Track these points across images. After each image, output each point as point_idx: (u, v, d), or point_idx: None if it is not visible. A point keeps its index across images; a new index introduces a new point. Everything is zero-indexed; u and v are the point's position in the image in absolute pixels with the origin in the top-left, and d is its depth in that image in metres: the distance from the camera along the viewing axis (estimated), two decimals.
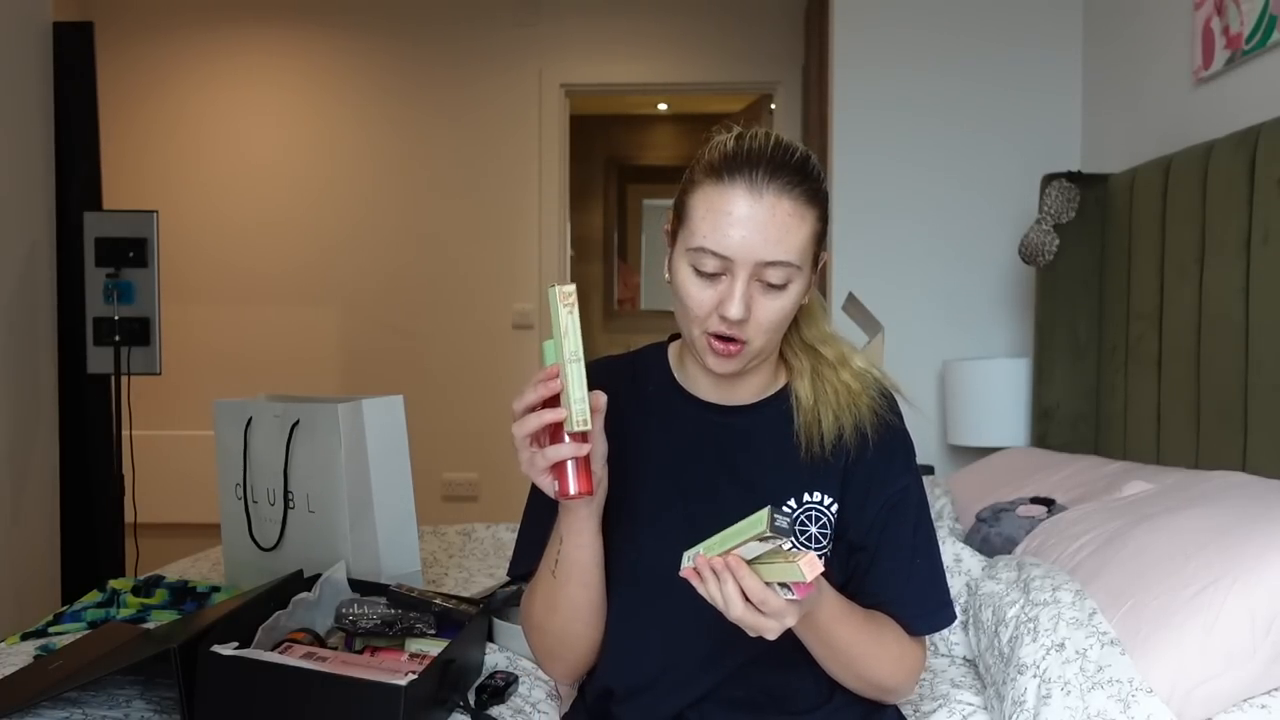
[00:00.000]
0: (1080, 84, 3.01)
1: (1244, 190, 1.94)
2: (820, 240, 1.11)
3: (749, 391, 1.20)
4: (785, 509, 1.14)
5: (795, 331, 1.21)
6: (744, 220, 1.04)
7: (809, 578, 0.90)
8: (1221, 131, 2.08)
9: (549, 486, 1.04)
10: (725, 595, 0.94)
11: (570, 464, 1.03)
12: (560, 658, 1.22)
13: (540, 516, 1.21)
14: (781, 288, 1.07)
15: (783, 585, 0.94)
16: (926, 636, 1.21)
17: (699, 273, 1.08)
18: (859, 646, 1.10)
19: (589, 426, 1.01)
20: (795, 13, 4.16)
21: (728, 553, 0.94)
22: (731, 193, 1.05)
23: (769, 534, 0.91)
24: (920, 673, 1.19)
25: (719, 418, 1.19)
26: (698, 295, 1.08)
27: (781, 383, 1.21)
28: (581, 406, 1.01)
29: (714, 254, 1.05)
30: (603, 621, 1.18)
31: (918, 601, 1.16)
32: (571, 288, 1.01)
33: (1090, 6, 2.98)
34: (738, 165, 1.05)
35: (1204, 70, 2.30)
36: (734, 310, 1.05)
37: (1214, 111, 2.27)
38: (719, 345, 1.09)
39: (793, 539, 0.94)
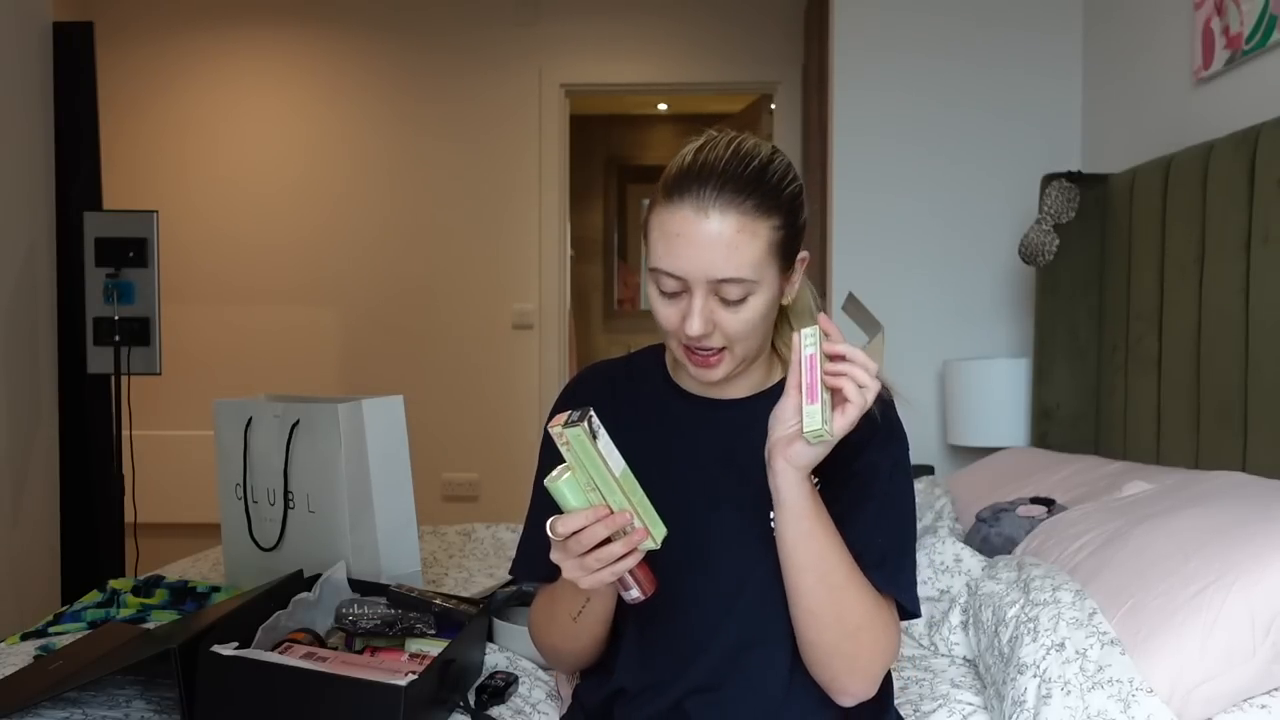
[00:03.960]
0: (1080, 84, 3.02)
1: (1244, 190, 1.94)
2: (784, 247, 1.09)
3: (744, 387, 1.20)
4: None
5: (788, 326, 1.20)
6: (692, 241, 1.05)
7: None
8: (1221, 131, 2.08)
9: (627, 596, 1.05)
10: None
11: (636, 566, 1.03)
12: (573, 666, 1.28)
13: (546, 517, 1.22)
14: (740, 301, 1.08)
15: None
16: (903, 633, 1.18)
17: (661, 292, 1.10)
18: (845, 573, 1.08)
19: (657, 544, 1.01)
20: (795, 13, 4.16)
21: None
22: (680, 213, 1.06)
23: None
24: (896, 638, 1.14)
25: (715, 413, 1.20)
26: (664, 312, 1.11)
27: (778, 376, 1.21)
28: (655, 516, 1.01)
29: (669, 274, 1.07)
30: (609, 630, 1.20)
31: (871, 565, 1.12)
32: (560, 430, 0.97)
33: (1090, 7, 2.98)
34: (687, 183, 1.06)
35: (1204, 70, 2.30)
36: (692, 328, 1.07)
37: (1214, 111, 2.27)
38: (696, 357, 1.12)
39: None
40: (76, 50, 3.17)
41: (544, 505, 1.23)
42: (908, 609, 1.16)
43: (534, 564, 1.23)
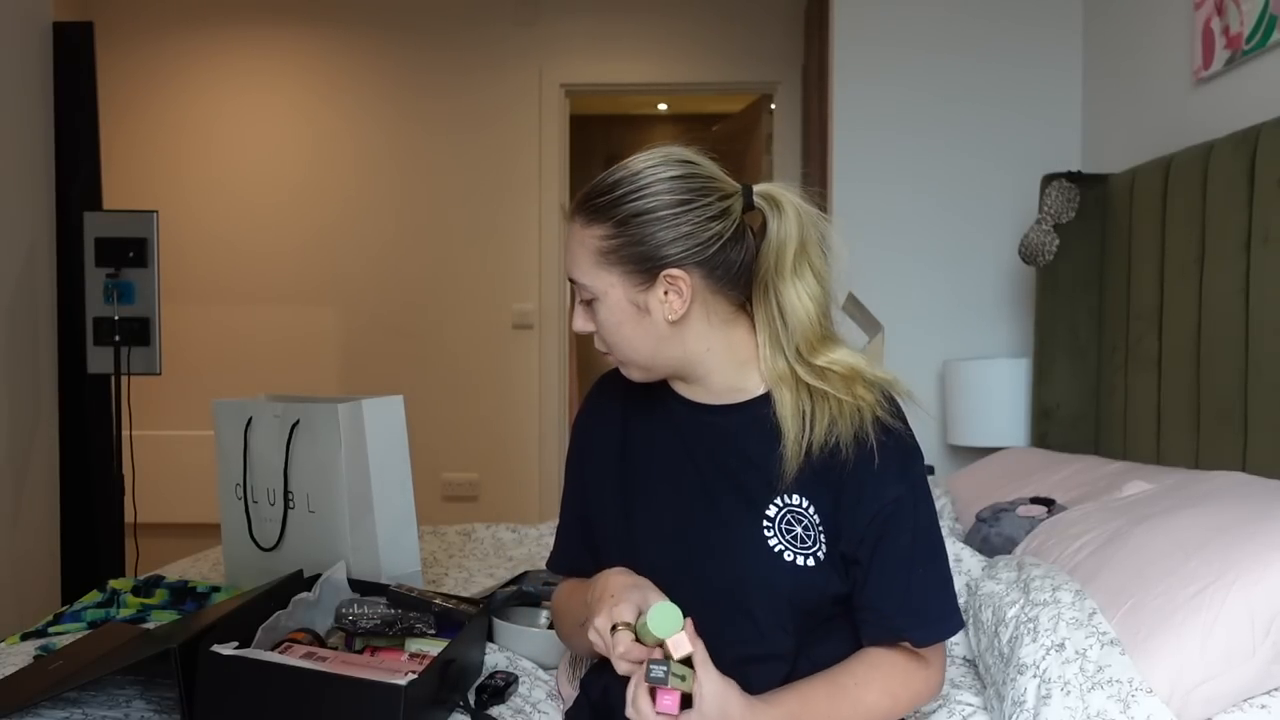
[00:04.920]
0: (1080, 84, 3.02)
1: (1244, 190, 1.94)
2: (617, 257, 1.14)
3: (731, 393, 1.20)
4: (774, 505, 1.14)
5: (778, 344, 1.16)
6: (565, 242, 1.20)
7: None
8: (1221, 131, 2.08)
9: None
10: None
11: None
12: (580, 654, 1.37)
13: (571, 510, 1.31)
14: (589, 303, 1.17)
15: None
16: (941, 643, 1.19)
17: None
18: (841, 714, 1.11)
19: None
20: (795, 13, 4.16)
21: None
22: None
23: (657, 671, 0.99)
24: (933, 686, 1.17)
25: (708, 417, 1.21)
26: None
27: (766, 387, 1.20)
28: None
29: None
30: None
31: (918, 613, 1.13)
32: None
33: (1090, 7, 2.98)
34: None
35: (1204, 70, 2.30)
36: (571, 323, 1.21)
37: (1214, 111, 2.27)
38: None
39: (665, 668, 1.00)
40: (76, 50, 3.17)
41: (575, 499, 1.31)
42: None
43: (566, 561, 1.32)
